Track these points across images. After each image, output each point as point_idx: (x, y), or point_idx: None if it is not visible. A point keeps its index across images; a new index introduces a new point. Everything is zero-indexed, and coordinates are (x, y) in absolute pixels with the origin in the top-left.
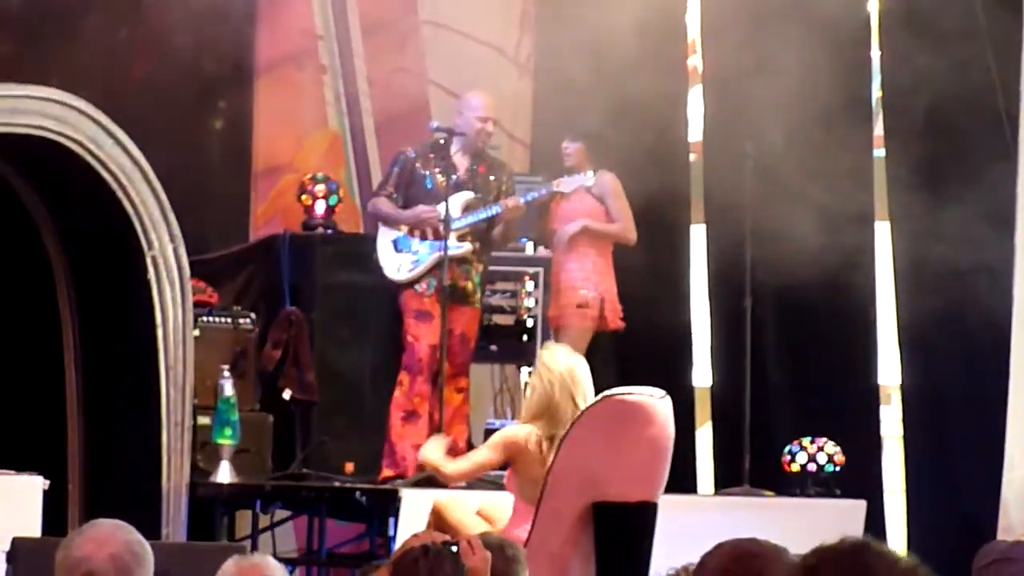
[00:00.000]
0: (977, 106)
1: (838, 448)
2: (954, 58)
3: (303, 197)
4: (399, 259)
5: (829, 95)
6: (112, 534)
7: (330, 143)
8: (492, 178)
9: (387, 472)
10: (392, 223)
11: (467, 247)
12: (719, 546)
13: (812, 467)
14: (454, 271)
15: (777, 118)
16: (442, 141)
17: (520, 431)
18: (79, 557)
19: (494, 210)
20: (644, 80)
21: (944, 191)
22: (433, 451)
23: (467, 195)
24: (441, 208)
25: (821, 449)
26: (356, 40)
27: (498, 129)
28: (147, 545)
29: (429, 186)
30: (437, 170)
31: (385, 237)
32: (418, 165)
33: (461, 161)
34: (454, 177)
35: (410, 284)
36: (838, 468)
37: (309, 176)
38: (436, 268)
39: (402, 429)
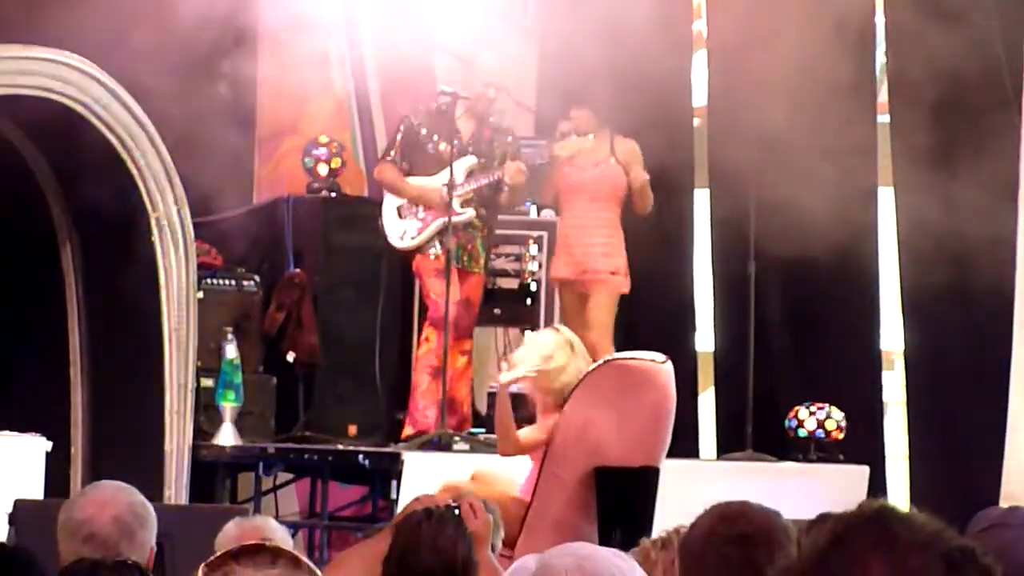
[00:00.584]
0: (982, 75)
1: (841, 413)
2: (958, 26)
3: (306, 160)
4: (403, 225)
5: (833, 61)
6: (115, 496)
7: (335, 107)
8: (496, 143)
9: (409, 430)
10: (395, 193)
11: (470, 212)
12: (709, 508)
13: (815, 432)
14: (459, 236)
15: (781, 85)
16: (445, 107)
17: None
18: (81, 519)
19: (496, 175)
20: (648, 45)
21: (948, 158)
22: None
23: (471, 160)
24: (444, 179)
25: (825, 415)
26: (361, 3)
27: (503, 93)
28: (150, 507)
29: (432, 152)
30: (441, 136)
31: (390, 203)
32: (422, 131)
33: (465, 126)
34: (457, 143)
35: (416, 250)
36: (841, 433)
37: (313, 139)
38: (440, 234)
39: (430, 385)
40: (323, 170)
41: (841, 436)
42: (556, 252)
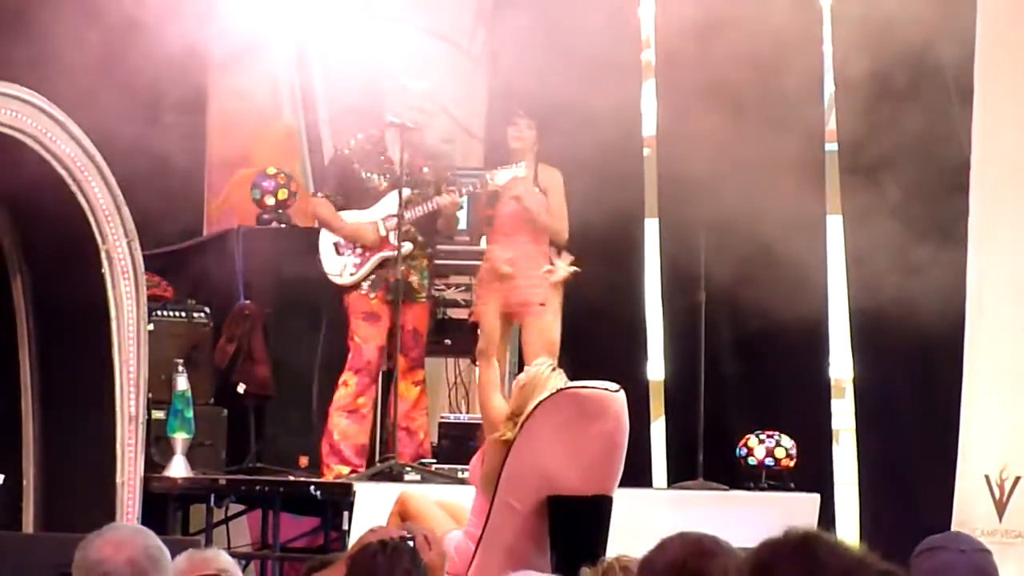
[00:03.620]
0: (929, 94)
1: (791, 442)
2: (905, 47)
3: (254, 191)
4: (342, 261)
5: (781, 89)
6: (131, 538)
7: (284, 137)
8: (426, 171)
9: (338, 468)
10: (330, 229)
11: (408, 247)
12: (678, 536)
13: (765, 460)
14: (405, 269)
15: (730, 113)
16: (375, 138)
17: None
18: (97, 559)
19: (430, 207)
20: (598, 74)
21: (896, 185)
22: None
23: (405, 192)
24: (378, 213)
25: (775, 443)
26: (310, 32)
27: (453, 123)
28: (165, 550)
29: (367, 185)
30: (375, 168)
31: (327, 238)
32: (356, 164)
33: (398, 155)
34: (388, 176)
35: (354, 287)
36: (791, 461)
37: (261, 170)
38: (380, 267)
39: (346, 429)
40: (271, 201)
41: (792, 464)
42: (477, 287)
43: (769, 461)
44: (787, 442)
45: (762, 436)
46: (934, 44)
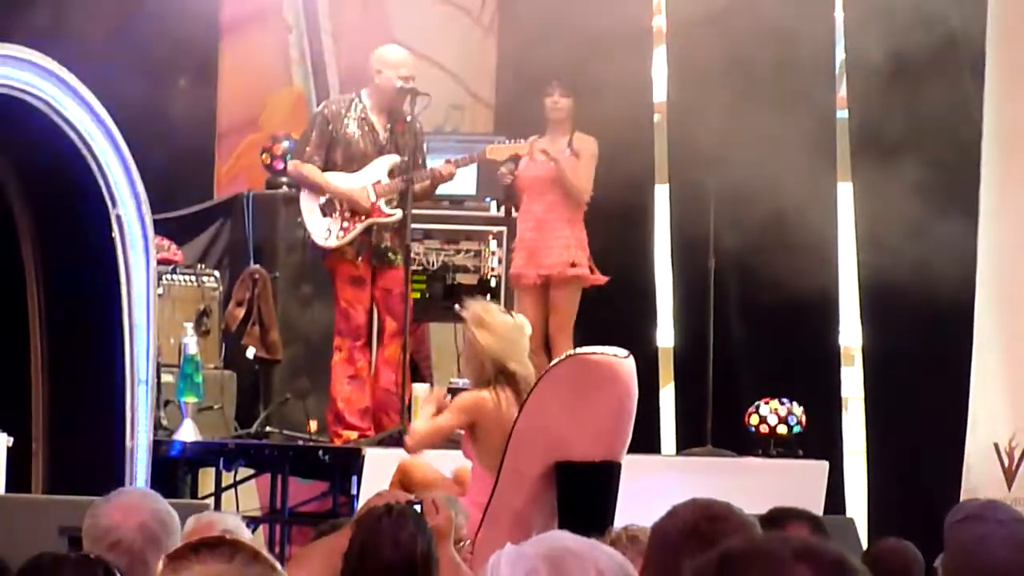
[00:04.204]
0: (941, 65)
1: (801, 409)
2: (918, 15)
3: (264, 156)
4: (327, 223)
5: (792, 56)
6: (140, 503)
7: (294, 102)
8: (407, 136)
9: (347, 435)
10: (316, 190)
11: (399, 214)
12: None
13: (774, 427)
14: (382, 234)
15: (740, 79)
16: (355, 99)
17: (482, 393)
18: (107, 526)
19: (427, 179)
20: (608, 40)
21: (907, 154)
22: (419, 421)
23: (393, 159)
24: (367, 177)
25: (785, 410)
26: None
27: (462, 89)
28: (175, 514)
29: (354, 150)
30: (358, 130)
31: (310, 200)
32: (337, 126)
33: (378, 119)
34: (372, 140)
35: (338, 251)
36: (800, 428)
37: (271, 135)
38: (365, 233)
39: (349, 394)
40: (281, 166)
41: (800, 431)
42: (515, 248)
43: (779, 428)
44: (796, 409)
45: (771, 403)
46: (946, 14)
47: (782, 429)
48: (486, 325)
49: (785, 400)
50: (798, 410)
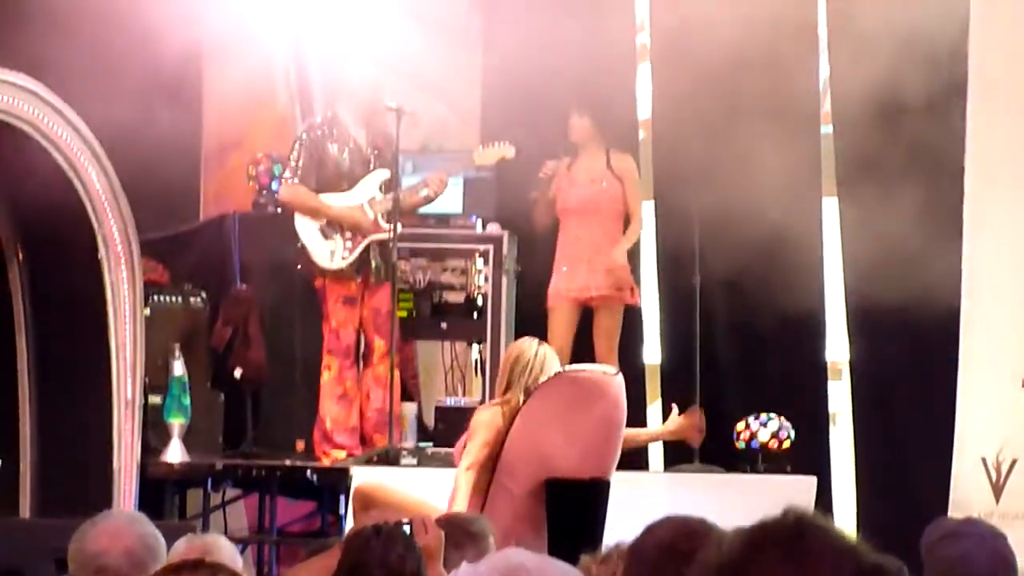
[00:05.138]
0: (924, 82)
1: (788, 424)
2: (901, 34)
3: (250, 175)
4: (329, 246)
5: (777, 71)
6: (127, 527)
7: (279, 122)
8: (388, 152)
9: (334, 453)
10: (313, 214)
11: (398, 228)
12: (665, 520)
13: (762, 443)
14: (376, 250)
15: (725, 95)
16: (333, 118)
17: (490, 411)
18: (94, 551)
19: (424, 192)
20: (592, 57)
21: (893, 168)
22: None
23: (383, 173)
24: (360, 196)
25: (775, 426)
26: (306, 17)
27: (449, 104)
28: (160, 538)
29: (343, 169)
30: (343, 151)
31: (310, 224)
32: (323, 147)
33: (359, 136)
34: (358, 158)
35: (327, 271)
36: (788, 444)
37: (256, 155)
38: (364, 251)
39: (337, 413)
40: (268, 185)
41: (788, 447)
42: (555, 270)
43: (769, 444)
44: (784, 425)
45: (759, 419)
46: (929, 34)
47: (772, 444)
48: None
49: (773, 415)
50: (785, 425)
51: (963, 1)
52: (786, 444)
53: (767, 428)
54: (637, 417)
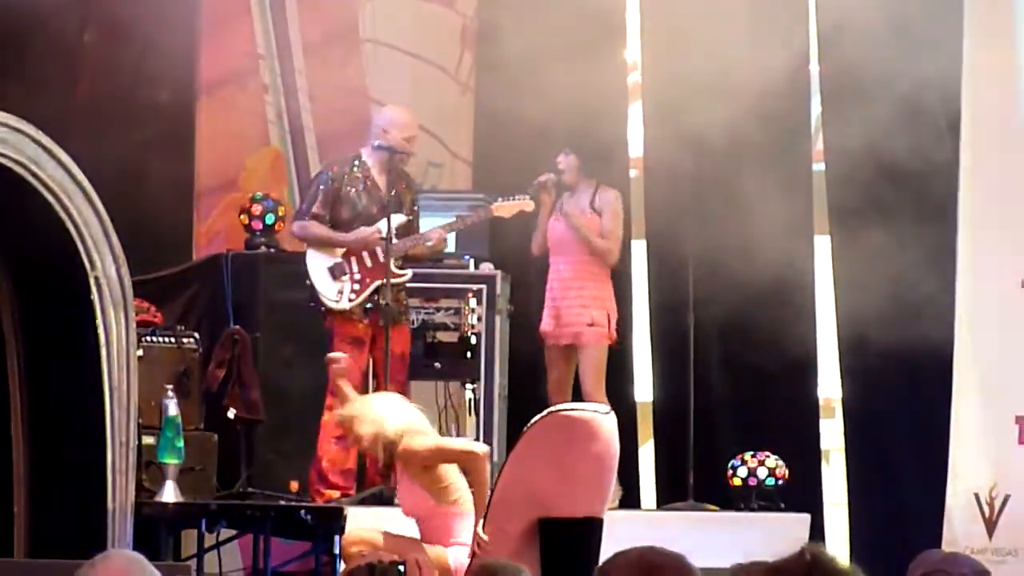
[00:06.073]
0: (917, 117)
1: (781, 462)
2: (893, 68)
3: (243, 216)
4: (339, 286)
5: (768, 109)
6: (127, 569)
7: (272, 161)
8: (408, 196)
9: (329, 493)
10: (330, 246)
11: (408, 274)
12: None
13: (756, 481)
14: (387, 294)
15: (717, 133)
16: (356, 159)
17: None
18: None
19: (429, 244)
20: (584, 96)
21: (885, 205)
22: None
23: (400, 218)
24: (382, 227)
25: (764, 463)
26: (298, 58)
27: (440, 146)
28: None
29: (359, 210)
30: (362, 189)
31: (319, 263)
32: (340, 186)
33: (379, 178)
34: (375, 200)
35: (340, 312)
36: (781, 482)
37: (250, 195)
38: (374, 294)
39: (335, 454)
40: (260, 226)
41: (782, 484)
42: (544, 308)
43: (764, 481)
44: (778, 462)
45: (753, 456)
46: (921, 67)
47: (766, 482)
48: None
49: (766, 453)
50: (779, 463)
51: (956, 40)
52: (780, 482)
53: (762, 466)
54: (627, 456)
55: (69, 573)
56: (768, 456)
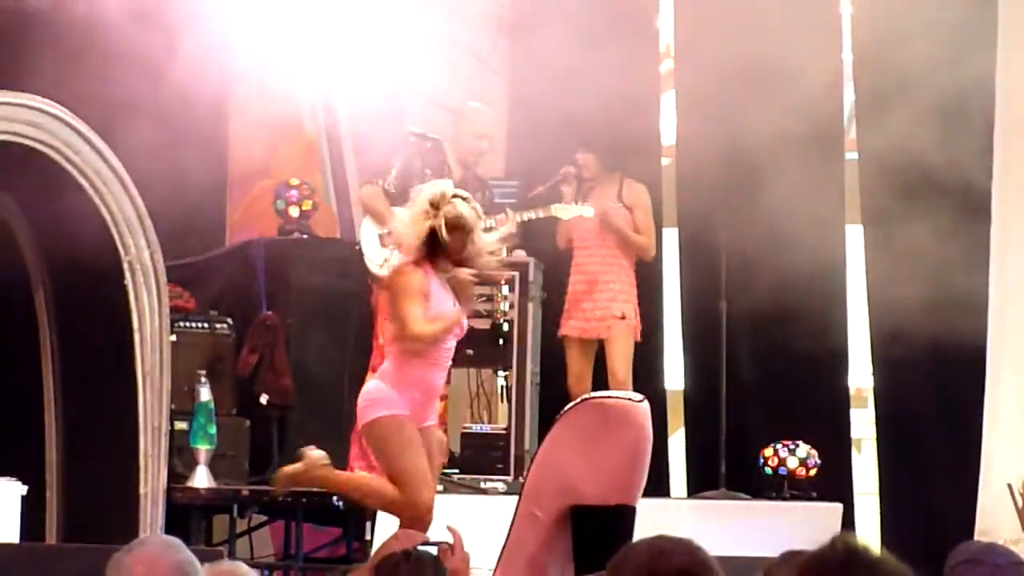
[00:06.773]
0: (951, 107)
1: (814, 451)
2: (927, 59)
3: (277, 202)
4: (384, 253)
5: (802, 97)
6: (163, 554)
7: (306, 149)
8: (479, 195)
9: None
10: (382, 222)
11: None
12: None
13: (787, 470)
14: None
15: (749, 121)
16: (436, 148)
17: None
18: None
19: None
20: (617, 84)
21: (918, 194)
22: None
23: None
24: None
25: (795, 452)
26: (331, 44)
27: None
28: (197, 564)
29: None
30: (438, 174)
31: (371, 230)
32: (424, 167)
33: (455, 170)
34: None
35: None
36: (813, 471)
37: (283, 182)
38: None
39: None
40: (294, 212)
41: (814, 473)
42: (566, 302)
43: (794, 470)
44: (810, 451)
45: (784, 445)
46: (956, 57)
47: (798, 471)
48: None
49: (799, 442)
50: (811, 452)
51: (990, 29)
52: (812, 471)
53: (793, 455)
54: (658, 444)
55: (102, 557)
56: (799, 445)
